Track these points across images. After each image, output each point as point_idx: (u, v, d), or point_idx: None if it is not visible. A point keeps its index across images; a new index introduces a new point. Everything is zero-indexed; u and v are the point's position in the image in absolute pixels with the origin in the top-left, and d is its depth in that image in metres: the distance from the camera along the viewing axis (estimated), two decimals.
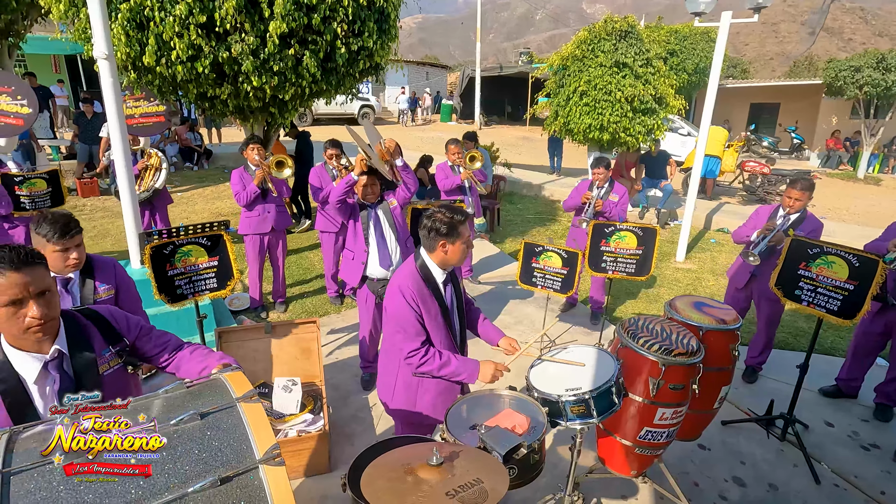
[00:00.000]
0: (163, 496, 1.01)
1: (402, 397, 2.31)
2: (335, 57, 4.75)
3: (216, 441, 1.14)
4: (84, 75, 17.75)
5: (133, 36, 4.32)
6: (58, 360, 1.48)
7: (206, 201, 9.27)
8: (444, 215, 2.14)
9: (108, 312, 1.64)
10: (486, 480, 1.32)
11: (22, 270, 1.34)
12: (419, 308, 2.14)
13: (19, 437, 1.08)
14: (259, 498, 1.09)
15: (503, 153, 11.38)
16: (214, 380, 1.34)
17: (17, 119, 5.58)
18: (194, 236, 3.22)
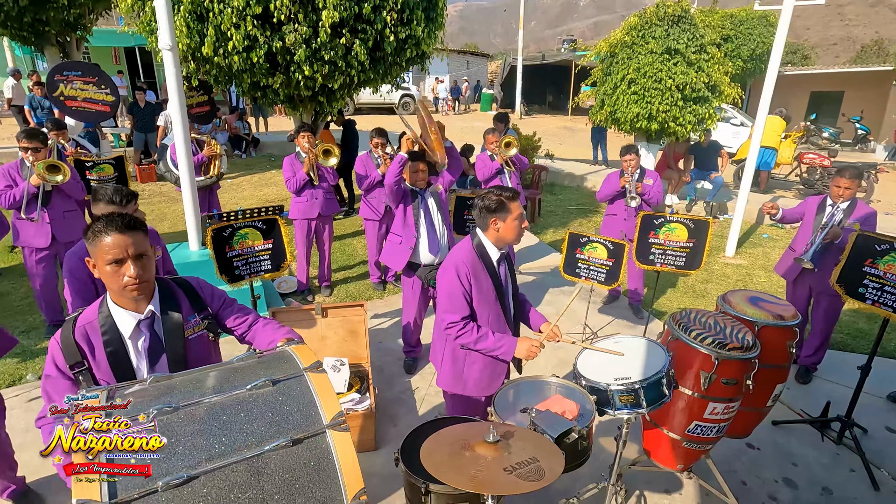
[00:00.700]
0: (242, 453, 1.10)
1: (448, 370, 2.39)
2: (384, 45, 4.81)
3: (287, 406, 1.21)
4: (141, 67, 18.66)
5: (193, 27, 4.51)
6: (150, 320, 1.63)
7: (254, 188, 9.59)
8: (493, 193, 2.21)
9: (196, 282, 1.79)
10: (541, 460, 1.34)
11: (125, 233, 1.50)
12: (470, 285, 2.21)
13: (117, 394, 1.19)
14: (327, 460, 1.16)
15: (545, 143, 11.22)
16: (282, 351, 1.42)
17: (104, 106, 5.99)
18: (251, 220, 3.37)
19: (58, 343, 1.57)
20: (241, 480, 1.06)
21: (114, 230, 1.49)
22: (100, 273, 1.54)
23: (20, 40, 8.98)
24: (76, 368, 1.56)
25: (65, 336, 1.57)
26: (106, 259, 1.50)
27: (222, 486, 1.05)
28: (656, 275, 4.44)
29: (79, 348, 1.55)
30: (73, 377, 1.57)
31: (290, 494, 1.09)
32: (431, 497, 1.69)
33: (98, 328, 1.58)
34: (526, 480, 1.24)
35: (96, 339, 1.58)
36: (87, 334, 1.58)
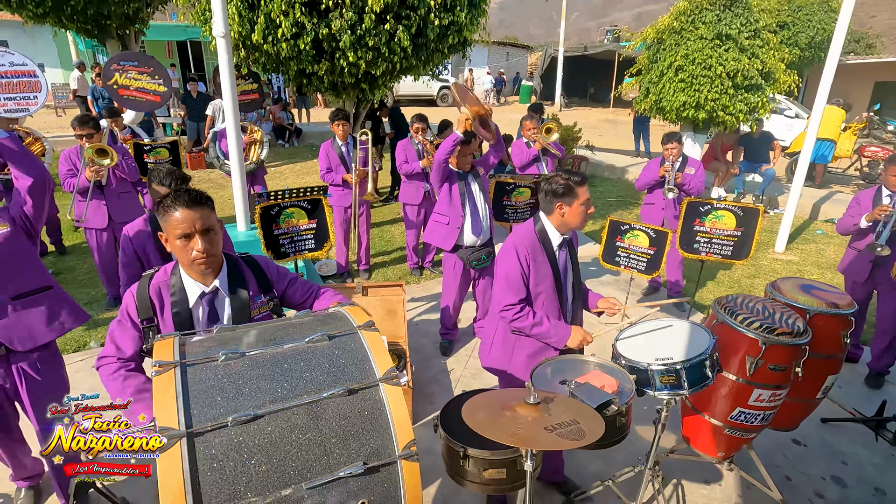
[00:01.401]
0: (302, 398, 1.17)
1: (498, 352, 2.41)
2: (426, 32, 4.85)
3: (342, 359, 1.28)
4: (192, 60, 19.42)
5: (245, 15, 4.68)
6: (212, 294, 1.70)
7: (296, 176, 9.87)
8: (561, 177, 2.19)
9: (265, 263, 1.84)
10: (582, 422, 1.37)
11: (192, 208, 1.57)
12: (528, 268, 2.21)
13: (188, 340, 1.28)
14: (380, 410, 1.22)
15: (585, 135, 11.02)
16: (336, 311, 1.49)
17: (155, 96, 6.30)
18: (297, 199, 3.49)
19: (133, 296, 1.67)
20: (302, 423, 1.14)
21: (182, 205, 1.56)
22: (171, 247, 1.62)
23: (84, 33, 9.53)
24: (146, 323, 1.66)
25: (140, 290, 1.67)
26: (175, 233, 1.57)
27: (284, 426, 1.12)
28: (699, 266, 4.33)
29: (151, 304, 1.66)
30: (141, 330, 1.67)
31: (346, 439, 1.16)
32: (469, 461, 1.74)
33: (169, 289, 1.67)
34: (566, 439, 1.27)
35: (167, 299, 1.67)
36: (159, 292, 1.68)
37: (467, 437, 1.80)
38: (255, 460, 1.07)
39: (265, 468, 1.07)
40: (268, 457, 1.08)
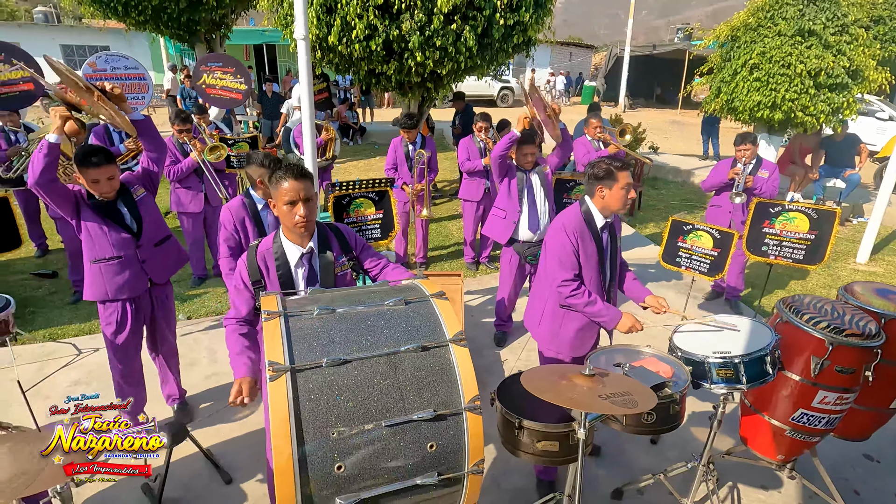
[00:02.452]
0: (383, 349, 1.34)
1: (547, 325, 2.53)
2: (492, 31, 4.98)
3: (417, 321, 1.45)
4: (267, 62, 20.69)
5: (323, 19, 5.02)
6: (309, 254, 1.99)
7: (360, 172, 10.29)
8: (604, 162, 2.31)
9: (345, 229, 2.14)
10: (635, 395, 1.45)
11: (299, 180, 1.85)
12: (577, 244, 2.33)
13: (287, 298, 1.49)
14: (449, 367, 1.37)
15: (649, 137, 10.73)
16: (411, 282, 1.66)
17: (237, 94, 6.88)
18: (366, 190, 3.73)
19: (244, 263, 1.99)
20: (382, 370, 1.31)
21: (291, 177, 1.84)
22: (277, 211, 1.91)
23: (176, 38, 10.45)
24: (256, 285, 1.98)
25: (250, 258, 1.99)
26: (283, 200, 1.85)
27: (368, 371, 1.30)
28: (767, 270, 4.17)
29: (259, 269, 1.96)
30: (252, 291, 1.98)
31: (419, 388, 1.32)
32: (524, 432, 1.85)
33: (273, 255, 1.97)
34: (620, 406, 1.36)
35: (271, 264, 1.98)
36: (265, 258, 1.98)
37: (522, 411, 1.92)
38: (343, 397, 1.25)
39: (352, 404, 1.25)
40: (354, 395, 1.26)
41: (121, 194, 2.69)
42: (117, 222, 2.68)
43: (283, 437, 1.16)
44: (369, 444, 1.24)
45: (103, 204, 2.65)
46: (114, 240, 2.68)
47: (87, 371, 3.65)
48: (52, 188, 2.44)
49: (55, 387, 3.50)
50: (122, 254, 2.71)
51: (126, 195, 2.72)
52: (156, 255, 2.85)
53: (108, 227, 2.66)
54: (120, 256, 2.70)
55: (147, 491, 2.64)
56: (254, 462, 2.86)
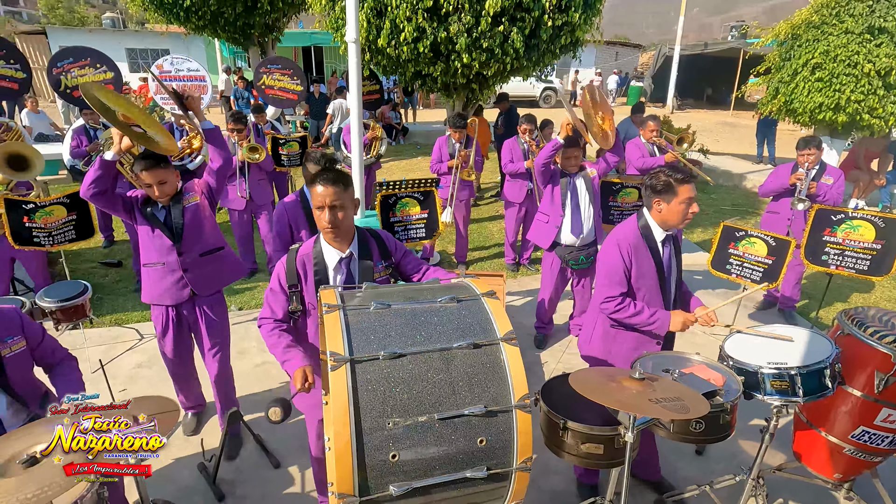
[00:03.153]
0: (436, 345, 1.39)
1: (598, 345, 2.47)
2: (539, 33, 4.97)
3: (468, 319, 1.48)
4: (314, 64, 21.30)
5: (373, 22, 5.14)
6: (348, 259, 2.02)
7: (402, 172, 10.43)
8: (663, 173, 2.20)
9: (385, 235, 2.15)
10: (686, 400, 1.43)
11: (328, 186, 1.87)
12: (630, 262, 2.26)
13: (344, 292, 1.57)
14: (499, 365, 1.40)
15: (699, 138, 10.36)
16: (461, 281, 1.70)
17: (293, 94, 7.15)
18: (412, 190, 3.81)
19: (283, 266, 2.03)
20: (435, 365, 1.36)
21: (322, 182, 1.87)
22: (313, 213, 1.94)
23: (232, 42, 10.94)
24: (292, 289, 2.01)
25: (289, 261, 2.02)
26: (314, 204, 1.90)
27: (422, 365, 1.35)
28: (826, 281, 3.97)
29: (297, 273, 2.00)
30: (288, 294, 2.02)
31: (471, 384, 1.36)
32: (569, 433, 1.86)
33: (312, 259, 2.01)
34: (671, 411, 1.35)
35: (309, 268, 2.00)
36: (304, 262, 2.02)
37: (567, 413, 1.92)
38: (398, 389, 1.31)
39: (406, 396, 1.30)
40: (409, 387, 1.31)
41: (172, 200, 2.70)
42: (160, 228, 2.68)
43: (342, 424, 1.23)
44: (422, 435, 1.29)
45: (148, 212, 2.68)
46: (157, 246, 2.70)
47: (148, 355, 3.90)
48: (101, 198, 2.53)
49: (120, 368, 3.76)
50: (164, 260, 2.71)
51: (176, 202, 2.70)
52: (201, 266, 2.78)
53: (153, 234, 2.68)
54: (162, 263, 2.71)
55: (203, 470, 2.80)
56: (299, 449, 2.99)
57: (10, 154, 3.72)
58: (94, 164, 2.46)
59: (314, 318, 2.05)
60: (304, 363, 1.86)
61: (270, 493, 2.73)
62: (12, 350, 1.97)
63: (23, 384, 2.02)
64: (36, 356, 2.08)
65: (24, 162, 3.78)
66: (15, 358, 1.98)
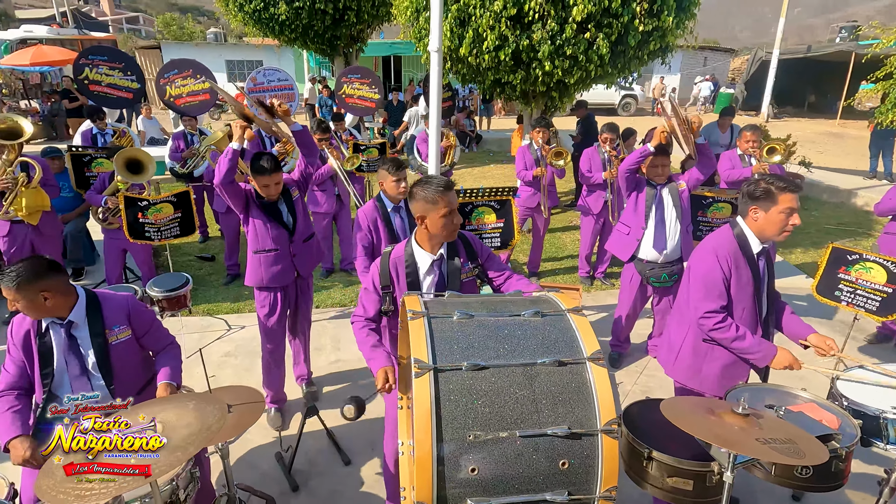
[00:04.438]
0: (519, 359, 1.35)
1: (686, 362, 2.31)
2: (626, 39, 4.78)
3: (553, 335, 1.43)
4: (392, 73, 22.06)
5: (455, 32, 5.21)
6: (439, 261, 2.08)
7: (474, 179, 10.47)
8: (764, 180, 2.06)
9: (471, 237, 2.20)
10: (799, 444, 1.29)
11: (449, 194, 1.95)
12: (730, 272, 2.11)
13: (428, 299, 1.57)
14: (586, 385, 1.34)
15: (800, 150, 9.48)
16: (544, 294, 1.65)
17: (371, 103, 7.46)
18: (489, 199, 3.79)
19: (377, 268, 2.12)
20: (518, 380, 1.32)
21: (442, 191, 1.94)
22: (430, 221, 1.97)
23: (319, 53, 11.58)
24: (385, 290, 2.09)
25: (382, 263, 2.11)
26: (440, 213, 1.94)
27: (505, 379, 1.32)
28: None
29: (389, 274, 2.07)
30: (380, 295, 2.10)
31: (555, 403, 1.30)
32: (653, 464, 1.74)
33: (404, 261, 2.08)
34: (783, 454, 1.21)
35: (401, 270, 2.08)
36: (395, 265, 2.09)
37: (650, 440, 1.80)
38: (480, 402, 1.28)
39: (488, 410, 1.28)
40: (490, 401, 1.29)
41: (281, 195, 3.05)
42: (277, 219, 3.05)
43: (424, 432, 1.23)
44: (503, 451, 1.26)
45: (268, 203, 3.02)
46: (273, 235, 3.04)
47: (235, 345, 4.17)
48: (232, 188, 2.87)
49: (210, 356, 4.05)
50: (279, 247, 3.06)
51: (286, 196, 3.08)
52: (303, 250, 3.19)
53: (270, 224, 3.03)
54: (277, 249, 3.06)
55: (279, 459, 2.94)
56: (369, 448, 3.05)
57: (128, 159, 4.15)
58: (224, 157, 2.79)
59: None
60: (386, 363, 1.92)
61: (340, 488, 2.81)
62: (118, 338, 2.12)
63: (123, 372, 2.13)
64: (143, 342, 2.24)
65: (139, 166, 4.21)
66: (121, 346, 2.12)
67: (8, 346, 2.05)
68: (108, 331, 2.10)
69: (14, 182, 3.88)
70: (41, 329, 2.02)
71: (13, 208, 3.92)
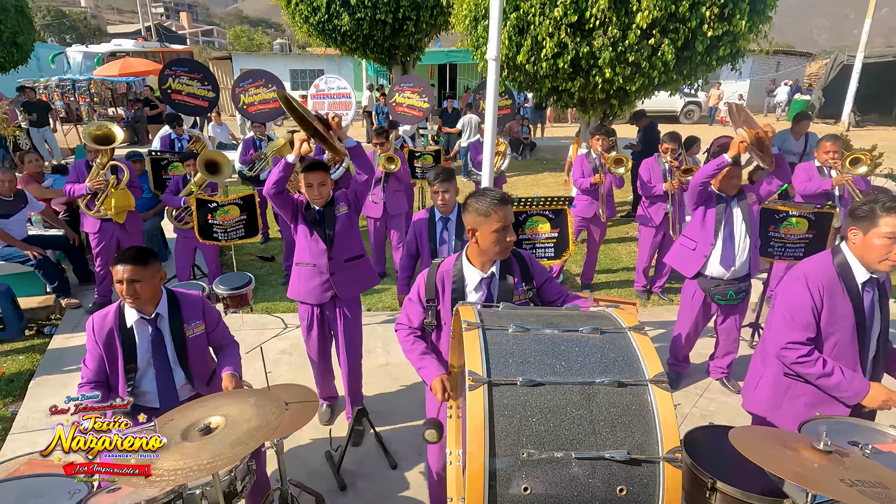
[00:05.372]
0: (576, 378, 1.31)
1: (764, 395, 2.13)
2: (694, 44, 4.58)
3: (612, 354, 1.38)
4: (448, 81, 22.31)
5: (514, 39, 5.19)
6: (489, 279, 2.02)
7: (526, 187, 10.37)
8: (875, 198, 1.85)
9: (528, 257, 2.12)
10: (893, 490, 1.16)
11: (504, 208, 1.89)
12: (821, 302, 1.91)
13: (483, 310, 1.56)
14: (647, 409, 1.27)
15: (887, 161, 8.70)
16: (603, 310, 1.60)
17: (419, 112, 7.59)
18: (543, 208, 3.73)
19: (424, 279, 2.10)
20: (575, 399, 1.28)
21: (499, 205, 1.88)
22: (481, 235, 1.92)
23: (378, 61, 11.90)
24: (429, 302, 2.06)
25: (429, 276, 2.08)
26: (495, 227, 1.87)
27: (561, 397, 1.28)
28: None
29: (435, 287, 2.05)
30: (425, 307, 2.08)
31: (613, 426, 1.25)
32: (717, 496, 1.63)
33: (451, 276, 2.04)
34: (872, 498, 1.09)
35: (448, 284, 2.04)
36: (443, 278, 2.06)
37: (713, 469, 1.70)
38: (535, 419, 1.25)
39: (542, 428, 1.24)
40: (545, 419, 1.25)
41: (326, 207, 2.95)
42: (318, 233, 2.94)
43: (477, 446, 1.21)
44: (557, 472, 1.22)
45: (312, 215, 2.95)
46: (311, 248, 2.95)
47: (291, 343, 4.33)
48: (280, 197, 2.85)
49: (267, 352, 4.19)
50: (316, 262, 2.96)
51: (329, 209, 2.95)
52: (345, 271, 3.01)
53: (310, 236, 2.94)
54: (313, 265, 2.96)
55: (329, 458, 3.01)
56: (416, 454, 3.06)
57: (207, 160, 4.45)
58: (277, 167, 2.79)
59: (446, 333, 2.08)
60: (440, 372, 1.90)
61: (386, 492, 2.83)
62: (194, 332, 2.29)
63: (197, 364, 2.32)
64: (210, 338, 2.39)
65: (216, 167, 4.50)
66: (196, 340, 2.29)
67: (88, 344, 2.21)
68: (186, 325, 2.26)
69: (106, 184, 4.26)
70: (124, 325, 2.18)
71: (104, 208, 4.30)
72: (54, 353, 4.17)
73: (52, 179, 5.59)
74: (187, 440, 1.44)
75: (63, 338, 4.39)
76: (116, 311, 2.19)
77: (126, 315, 2.18)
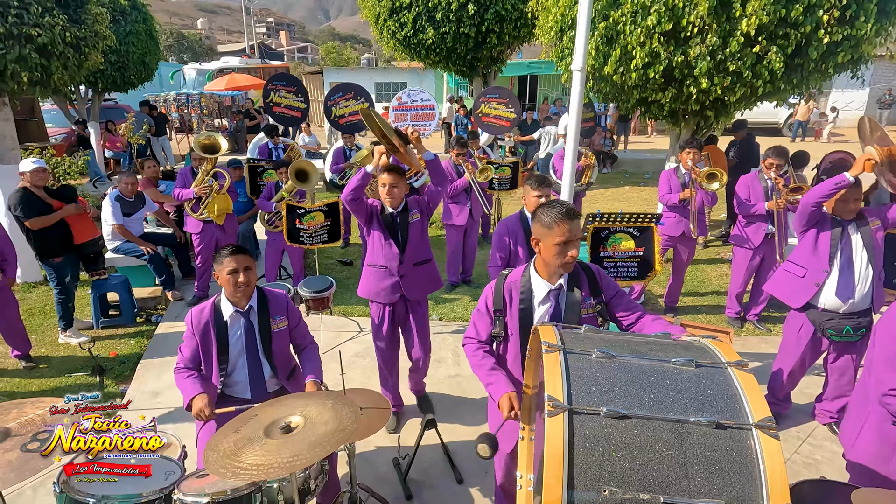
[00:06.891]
0: (668, 414, 1.20)
1: (869, 446, 1.88)
2: (807, 51, 4.15)
3: (710, 390, 1.25)
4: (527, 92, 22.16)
5: (601, 50, 5.02)
6: (557, 291, 1.97)
7: (607, 202, 9.97)
8: None
9: (598, 271, 2.06)
10: None
11: (569, 222, 1.84)
12: None
13: (564, 331, 1.49)
14: (750, 457, 1.14)
15: None
16: (698, 341, 1.46)
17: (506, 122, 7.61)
18: (628, 225, 3.55)
19: (491, 290, 2.08)
20: (666, 437, 1.17)
21: (564, 219, 1.83)
22: (543, 246, 1.90)
23: (460, 74, 12.09)
24: (497, 313, 2.04)
25: (497, 286, 2.06)
26: (555, 241, 1.84)
27: (649, 434, 1.18)
28: None
29: (503, 298, 2.01)
30: (492, 318, 2.05)
31: (709, 472, 1.13)
32: None
33: (519, 287, 2.00)
34: None
35: (515, 296, 2.00)
36: (511, 289, 2.03)
37: None
38: (620, 455, 1.16)
39: (628, 465, 1.15)
40: (631, 456, 1.16)
41: (400, 213, 3.07)
42: (392, 237, 3.07)
43: (555, 477, 1.14)
44: None
45: (387, 220, 3.07)
46: (385, 251, 3.08)
47: (364, 346, 4.45)
48: (355, 203, 2.98)
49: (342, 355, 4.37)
50: (388, 265, 3.10)
51: (403, 216, 3.08)
52: (413, 274, 3.15)
53: (384, 240, 3.07)
54: (386, 267, 3.11)
55: (396, 465, 3.03)
56: (482, 471, 3.00)
57: (298, 169, 4.75)
58: (357, 176, 2.93)
59: (513, 344, 2.06)
60: (508, 389, 1.86)
61: None
62: (279, 327, 2.45)
63: (280, 357, 2.49)
64: (292, 335, 2.53)
65: (305, 175, 4.79)
66: (279, 334, 2.46)
67: (186, 334, 2.42)
68: (272, 320, 2.42)
69: (210, 189, 4.69)
70: (220, 319, 2.36)
71: (207, 210, 4.73)
72: (159, 339, 4.62)
73: (164, 185, 6.24)
74: (269, 437, 1.51)
75: (167, 325, 4.86)
76: (212, 307, 2.38)
77: (222, 309, 2.36)
